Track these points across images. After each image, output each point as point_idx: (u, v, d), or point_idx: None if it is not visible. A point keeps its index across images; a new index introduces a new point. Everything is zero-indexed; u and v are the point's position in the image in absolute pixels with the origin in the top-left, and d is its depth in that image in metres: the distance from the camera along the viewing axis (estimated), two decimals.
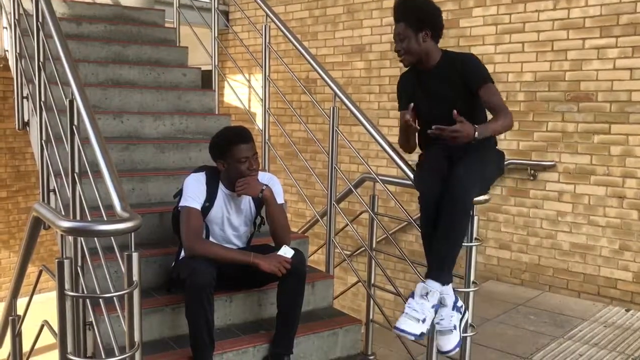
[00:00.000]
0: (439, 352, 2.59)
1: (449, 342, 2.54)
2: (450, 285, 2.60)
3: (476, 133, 2.50)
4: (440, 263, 2.58)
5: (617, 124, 4.40)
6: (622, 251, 4.43)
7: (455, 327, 2.56)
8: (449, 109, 2.56)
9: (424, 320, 2.52)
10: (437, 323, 2.58)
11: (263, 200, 2.91)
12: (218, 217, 2.93)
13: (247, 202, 3.00)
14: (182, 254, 2.90)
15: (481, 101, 2.70)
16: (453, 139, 2.51)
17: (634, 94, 4.31)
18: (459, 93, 2.69)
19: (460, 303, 2.64)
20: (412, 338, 2.55)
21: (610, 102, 4.43)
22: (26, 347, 3.25)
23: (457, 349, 2.57)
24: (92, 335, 2.57)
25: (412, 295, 2.59)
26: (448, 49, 2.83)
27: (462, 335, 2.61)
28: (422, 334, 2.53)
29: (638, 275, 4.36)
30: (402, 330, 2.52)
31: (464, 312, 2.68)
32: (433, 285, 2.55)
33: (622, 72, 4.35)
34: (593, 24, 4.47)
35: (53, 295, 1.97)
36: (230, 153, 2.83)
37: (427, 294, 2.54)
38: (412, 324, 2.50)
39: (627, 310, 4.24)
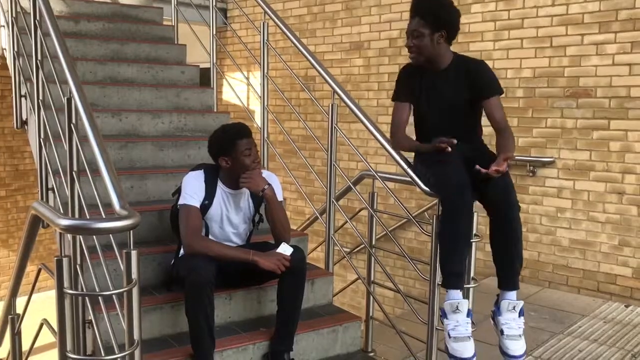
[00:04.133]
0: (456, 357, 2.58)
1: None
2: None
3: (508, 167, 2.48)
4: (514, 273, 2.61)
5: (616, 120, 4.39)
6: (621, 247, 4.43)
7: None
8: (451, 114, 2.56)
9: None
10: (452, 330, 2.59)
11: (265, 199, 2.91)
12: (217, 215, 2.93)
13: (245, 200, 2.99)
14: (182, 251, 2.90)
15: (484, 110, 2.59)
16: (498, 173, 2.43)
17: (633, 89, 4.31)
18: (463, 99, 2.60)
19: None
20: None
21: (609, 97, 4.42)
22: (26, 346, 3.25)
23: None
24: (92, 334, 2.56)
25: (498, 314, 2.61)
26: (459, 53, 2.73)
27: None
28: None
29: (637, 271, 4.36)
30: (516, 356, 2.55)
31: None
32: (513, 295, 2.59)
33: (621, 67, 4.35)
34: (592, 20, 4.46)
35: (52, 293, 1.96)
36: (235, 148, 2.84)
37: (514, 307, 2.58)
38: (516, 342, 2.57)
39: (627, 306, 4.24)
